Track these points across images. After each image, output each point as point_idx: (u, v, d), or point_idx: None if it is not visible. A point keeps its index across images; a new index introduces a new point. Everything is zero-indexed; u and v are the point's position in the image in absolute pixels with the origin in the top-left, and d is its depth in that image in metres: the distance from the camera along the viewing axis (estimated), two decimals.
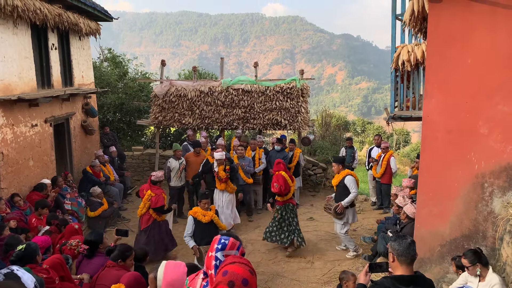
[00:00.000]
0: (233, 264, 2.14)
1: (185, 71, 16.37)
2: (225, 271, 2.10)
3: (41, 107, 8.01)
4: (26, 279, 3.13)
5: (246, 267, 2.13)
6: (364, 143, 20.36)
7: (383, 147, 9.31)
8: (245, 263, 2.17)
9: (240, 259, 2.20)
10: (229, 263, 2.16)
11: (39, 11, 7.48)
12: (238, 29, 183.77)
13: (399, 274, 2.72)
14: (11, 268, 3.20)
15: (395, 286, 2.64)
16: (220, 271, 2.13)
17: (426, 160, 4.78)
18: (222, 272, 2.11)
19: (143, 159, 11.89)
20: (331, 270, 6.67)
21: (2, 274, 3.12)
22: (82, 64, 10.59)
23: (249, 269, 2.14)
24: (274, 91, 10.05)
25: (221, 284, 2.06)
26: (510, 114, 4.20)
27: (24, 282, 3.09)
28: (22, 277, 3.12)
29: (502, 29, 4.18)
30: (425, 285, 2.70)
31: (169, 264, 2.78)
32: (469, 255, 4.04)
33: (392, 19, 6.10)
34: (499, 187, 4.32)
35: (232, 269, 2.10)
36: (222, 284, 2.05)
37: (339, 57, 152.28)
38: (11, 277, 3.08)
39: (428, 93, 4.62)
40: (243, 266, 2.13)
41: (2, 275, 3.12)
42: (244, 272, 2.10)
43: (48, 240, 4.80)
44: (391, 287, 2.65)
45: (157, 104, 10.69)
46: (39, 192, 7.23)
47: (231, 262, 2.16)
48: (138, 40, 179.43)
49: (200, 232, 6.07)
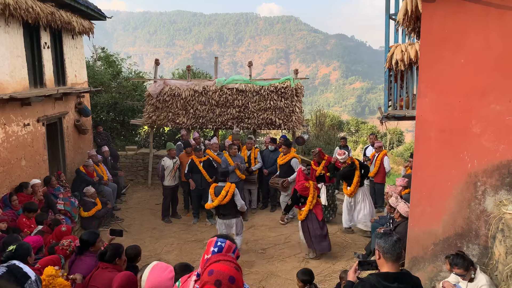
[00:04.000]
0: (218, 263, 2.12)
1: (179, 70, 16.33)
2: (210, 270, 2.08)
3: (33, 106, 7.94)
4: (28, 271, 3.16)
5: (231, 264, 2.11)
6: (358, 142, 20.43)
7: (376, 147, 9.35)
8: (230, 260, 2.15)
9: (225, 257, 2.18)
10: (214, 262, 2.13)
11: (31, 9, 7.41)
12: (233, 29, 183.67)
13: (385, 271, 2.74)
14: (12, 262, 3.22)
15: (380, 283, 2.66)
16: (206, 271, 2.11)
17: (420, 159, 4.80)
18: (208, 272, 2.08)
19: (136, 159, 11.84)
20: (326, 269, 6.69)
21: (5, 267, 3.13)
22: (75, 63, 10.51)
23: (235, 266, 2.11)
24: (268, 90, 10.05)
25: (208, 284, 2.03)
26: (502, 114, 4.23)
27: (27, 272, 3.13)
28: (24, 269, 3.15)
29: (495, 29, 4.20)
30: (411, 282, 2.72)
31: (156, 267, 2.73)
32: (460, 263, 4.03)
33: (385, 19, 6.12)
34: (491, 186, 4.35)
35: (217, 268, 2.08)
36: (209, 284, 2.03)
37: (333, 57, 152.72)
38: (14, 268, 3.10)
39: (422, 92, 4.64)
40: (229, 264, 2.11)
41: (4, 267, 3.13)
42: (230, 269, 2.08)
43: (40, 240, 4.77)
44: (376, 284, 2.67)
45: (151, 103, 10.64)
46: (20, 191, 7.05)
47: (216, 261, 2.14)
48: (132, 40, 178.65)
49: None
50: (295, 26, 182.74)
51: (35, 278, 3.20)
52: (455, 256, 4.14)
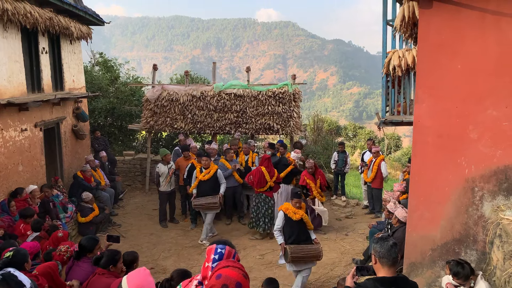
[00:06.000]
0: (226, 268, 2.14)
1: (177, 75, 16.34)
2: (218, 274, 2.10)
3: (31, 111, 7.93)
4: (23, 279, 3.12)
5: (239, 271, 2.13)
6: (356, 147, 20.46)
7: (373, 152, 9.36)
8: (238, 267, 2.17)
9: (234, 263, 2.20)
10: (222, 267, 2.16)
11: (29, 14, 7.43)
12: (231, 34, 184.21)
13: (381, 276, 2.76)
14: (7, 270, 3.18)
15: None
16: (214, 275, 2.13)
17: (417, 164, 4.81)
18: (215, 276, 2.10)
19: (134, 164, 11.81)
20: (324, 275, 6.67)
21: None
22: (73, 68, 10.51)
23: (243, 273, 2.14)
24: (266, 95, 10.07)
25: (215, 287, 2.05)
26: (499, 119, 4.25)
27: (22, 280, 3.09)
28: (19, 276, 3.11)
29: (491, 35, 4.23)
30: (407, 287, 2.73)
31: (130, 274, 2.72)
32: (460, 272, 4.02)
33: (383, 25, 6.15)
34: (489, 191, 4.36)
35: (225, 273, 2.10)
36: (216, 287, 2.04)
37: (331, 62, 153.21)
38: (8, 276, 3.06)
39: (419, 98, 4.66)
40: (237, 270, 2.13)
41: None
42: (238, 276, 2.10)
43: (37, 246, 4.74)
44: None
45: (148, 108, 10.64)
46: (16, 198, 7.00)
47: (225, 266, 2.16)
48: (130, 45, 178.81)
49: (289, 229, 5.95)
50: (293, 32, 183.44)
51: (30, 285, 3.17)
52: (455, 265, 4.11)
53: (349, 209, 9.96)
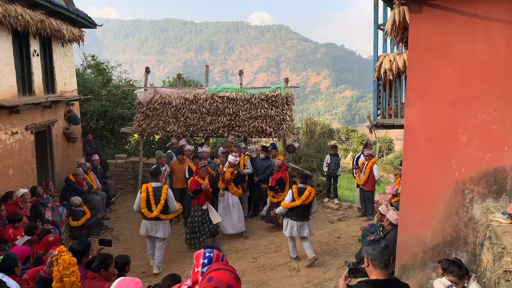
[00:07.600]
0: (218, 271, 2.14)
1: (169, 78, 16.30)
2: (210, 277, 2.10)
3: (22, 114, 7.87)
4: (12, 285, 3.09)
5: (231, 274, 2.14)
6: (349, 150, 20.51)
7: (366, 155, 9.41)
8: (230, 270, 2.18)
9: (225, 266, 2.21)
10: (214, 270, 2.16)
11: (20, 17, 7.38)
12: (224, 37, 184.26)
13: (374, 278, 2.78)
14: None
15: None
16: (205, 277, 2.13)
17: (408, 167, 4.85)
18: (207, 278, 2.10)
19: (126, 167, 11.75)
20: (317, 278, 6.68)
21: None
22: (65, 71, 10.45)
23: (234, 276, 2.14)
24: (259, 99, 10.08)
25: None
26: (488, 123, 4.31)
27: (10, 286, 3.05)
28: (8, 283, 3.08)
29: (481, 40, 4.30)
30: None
31: (122, 281, 2.68)
32: (456, 271, 4.06)
33: (374, 29, 6.22)
34: (479, 193, 4.41)
35: (217, 276, 2.10)
36: None
37: (324, 66, 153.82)
38: None
39: (410, 101, 4.71)
40: (228, 273, 2.13)
41: None
42: (229, 278, 2.10)
43: (28, 250, 4.70)
44: None
45: (141, 111, 10.59)
46: (7, 201, 6.85)
47: (216, 269, 2.17)
48: (123, 47, 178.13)
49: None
50: (285, 35, 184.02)
51: None
52: (451, 264, 4.16)
53: (341, 212, 9.99)
